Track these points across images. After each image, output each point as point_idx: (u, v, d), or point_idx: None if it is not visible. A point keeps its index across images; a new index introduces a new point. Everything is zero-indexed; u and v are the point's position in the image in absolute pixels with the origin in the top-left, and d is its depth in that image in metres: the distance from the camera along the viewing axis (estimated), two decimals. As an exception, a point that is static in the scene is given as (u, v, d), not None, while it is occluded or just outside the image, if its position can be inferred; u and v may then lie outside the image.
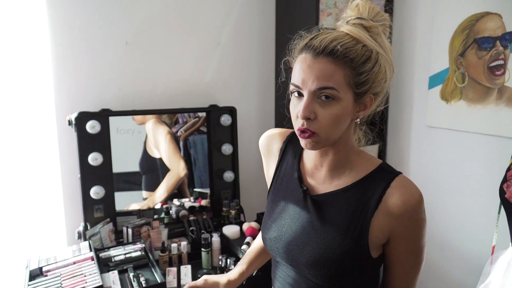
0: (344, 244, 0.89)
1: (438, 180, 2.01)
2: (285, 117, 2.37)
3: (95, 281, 1.35)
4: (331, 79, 0.83)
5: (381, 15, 0.89)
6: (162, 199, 2.07)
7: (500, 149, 1.74)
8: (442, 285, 2.02)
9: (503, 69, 1.71)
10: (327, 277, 0.91)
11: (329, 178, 0.95)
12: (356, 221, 0.89)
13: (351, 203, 0.90)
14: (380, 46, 0.88)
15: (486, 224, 1.77)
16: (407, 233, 0.89)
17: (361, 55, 0.84)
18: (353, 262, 0.89)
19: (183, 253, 1.80)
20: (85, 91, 1.85)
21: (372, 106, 0.90)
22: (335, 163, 0.94)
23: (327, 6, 1.99)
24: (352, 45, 0.84)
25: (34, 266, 1.49)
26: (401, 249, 0.91)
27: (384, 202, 0.87)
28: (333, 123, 0.85)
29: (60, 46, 1.78)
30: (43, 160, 1.83)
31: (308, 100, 0.84)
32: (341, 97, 0.84)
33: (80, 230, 1.80)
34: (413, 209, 0.87)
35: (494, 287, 1.37)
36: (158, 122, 2.01)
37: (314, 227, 0.93)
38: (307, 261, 0.92)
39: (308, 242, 0.93)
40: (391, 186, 0.87)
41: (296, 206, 0.97)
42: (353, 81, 0.84)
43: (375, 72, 0.86)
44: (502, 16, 1.69)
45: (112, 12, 1.86)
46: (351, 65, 0.83)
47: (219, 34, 2.12)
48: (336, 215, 0.91)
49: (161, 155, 2.04)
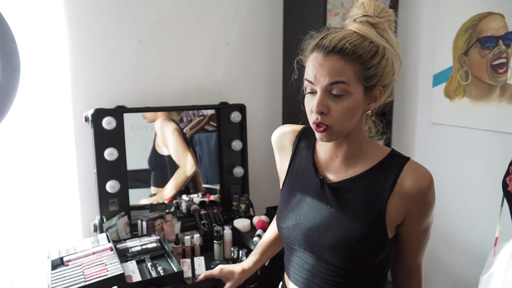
0: (362, 226, 0.96)
1: (442, 175, 2.06)
2: (292, 113, 2.44)
3: (116, 269, 1.40)
4: (341, 74, 0.89)
5: (386, 11, 0.95)
6: (171, 195, 2.13)
7: (502, 144, 1.80)
8: (446, 277, 2.08)
9: (506, 67, 1.77)
10: (347, 258, 0.97)
11: (344, 167, 1.02)
12: (373, 204, 0.96)
13: (367, 188, 0.97)
14: (387, 40, 0.94)
15: (489, 217, 1.83)
16: (420, 212, 0.96)
17: (369, 51, 0.90)
18: (371, 242, 0.96)
19: (196, 245, 1.86)
20: (101, 88, 1.91)
21: (382, 98, 0.96)
22: (349, 153, 1.01)
23: (334, 6, 2.05)
24: (359, 42, 0.90)
25: (55, 256, 1.54)
26: (415, 228, 0.99)
27: (399, 185, 0.94)
28: (345, 116, 0.91)
29: (77, 46, 1.85)
30: (60, 156, 1.89)
31: (321, 96, 0.90)
32: (352, 91, 0.90)
33: (96, 223, 1.86)
34: (427, 190, 0.94)
35: (497, 276, 1.42)
36: (167, 120, 2.07)
37: (333, 213, 0.99)
38: (328, 245, 0.98)
39: (328, 227, 0.99)
40: (404, 169, 0.95)
41: (314, 195, 1.04)
42: (362, 75, 0.90)
43: (382, 65, 0.92)
44: (504, 16, 1.75)
45: (126, 13, 1.92)
46: (359, 61, 0.89)
47: (229, 33, 2.18)
48: (354, 200, 0.98)
49: (170, 152, 2.10)
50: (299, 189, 1.08)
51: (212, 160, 2.21)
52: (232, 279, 1.31)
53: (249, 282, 1.56)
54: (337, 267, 1.00)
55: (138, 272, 1.49)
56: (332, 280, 1.01)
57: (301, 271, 1.07)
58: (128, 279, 1.43)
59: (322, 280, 1.02)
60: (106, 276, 1.36)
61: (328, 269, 1.01)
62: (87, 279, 1.36)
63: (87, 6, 1.83)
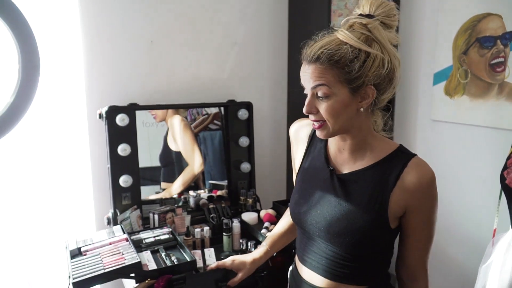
0: (365, 215, 1.03)
1: (442, 170, 2.13)
2: (297, 111, 2.51)
3: (133, 258, 1.47)
4: (321, 78, 0.98)
5: (383, 6, 1.01)
6: (179, 191, 2.20)
7: (500, 140, 1.86)
8: (448, 268, 2.16)
9: (504, 66, 1.84)
10: (350, 245, 1.04)
11: (351, 159, 1.09)
12: (377, 196, 1.03)
13: (372, 181, 1.04)
14: (378, 40, 0.99)
15: (487, 210, 1.89)
16: (420, 206, 1.03)
17: (348, 56, 0.97)
18: (374, 231, 1.04)
19: (205, 237, 1.93)
20: (114, 86, 1.99)
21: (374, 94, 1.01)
22: (354, 147, 1.08)
23: (339, 7, 2.12)
24: (337, 49, 0.97)
25: (73, 247, 1.61)
26: (415, 221, 1.05)
27: (402, 180, 1.01)
28: (332, 115, 1.00)
29: (92, 46, 1.92)
30: (74, 152, 1.96)
31: (309, 98, 1.01)
32: (334, 92, 0.98)
33: (110, 216, 1.93)
34: (426, 186, 1.01)
35: (495, 266, 1.47)
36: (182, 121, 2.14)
37: (340, 202, 1.07)
38: (334, 232, 1.06)
39: (335, 215, 1.06)
40: (408, 165, 1.02)
41: (324, 184, 1.11)
42: (343, 78, 0.98)
43: (367, 67, 0.98)
44: (502, 17, 1.81)
45: (138, 14, 1.99)
46: (337, 66, 0.97)
47: (236, 34, 2.25)
48: (359, 191, 1.05)
49: (180, 149, 2.17)
50: (312, 178, 1.16)
51: (216, 158, 2.28)
52: (243, 269, 1.39)
53: (259, 271, 1.63)
54: (345, 252, 1.08)
55: (153, 261, 1.57)
56: (340, 263, 1.09)
57: (315, 256, 1.14)
58: (144, 267, 1.50)
59: (332, 264, 1.10)
60: (124, 264, 1.43)
61: (336, 253, 1.09)
62: (106, 267, 1.43)
63: (102, 7, 1.91)
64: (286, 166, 2.48)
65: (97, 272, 1.39)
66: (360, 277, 1.11)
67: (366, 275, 1.12)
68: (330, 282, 1.11)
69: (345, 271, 1.10)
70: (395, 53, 1.02)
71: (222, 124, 2.25)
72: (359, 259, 1.09)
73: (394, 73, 1.03)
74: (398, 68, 1.04)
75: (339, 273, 1.10)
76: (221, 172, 2.29)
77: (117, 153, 1.91)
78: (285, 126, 2.46)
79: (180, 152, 2.17)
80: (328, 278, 1.11)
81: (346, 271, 1.10)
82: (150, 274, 1.47)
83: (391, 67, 1.01)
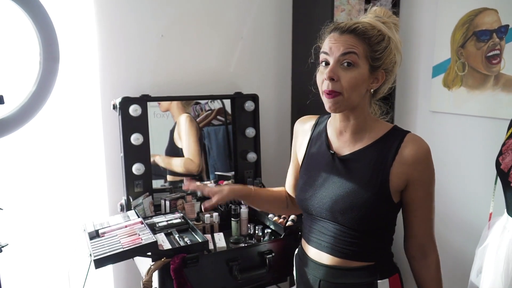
0: (369, 191, 1.11)
1: (441, 159, 2.20)
2: (300, 103, 2.62)
3: (149, 238, 1.56)
4: (354, 47, 1.07)
5: (393, 17, 1.16)
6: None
7: (496, 129, 1.93)
8: (446, 252, 2.23)
9: (499, 58, 1.92)
10: (357, 219, 1.12)
11: (352, 141, 1.18)
12: (378, 171, 1.11)
13: (373, 158, 1.13)
14: (392, 35, 1.13)
15: (484, 195, 1.96)
16: (420, 178, 1.11)
17: (377, 36, 1.09)
18: (378, 205, 1.12)
19: (215, 223, 2.02)
20: (127, 78, 2.07)
21: (383, 80, 1.14)
22: (356, 128, 1.17)
23: (341, 3, 2.20)
24: (370, 28, 1.09)
25: (90, 229, 1.70)
26: (418, 193, 1.13)
27: (400, 154, 1.10)
28: (352, 85, 1.08)
29: (106, 39, 2.01)
30: (89, 141, 2.05)
31: (333, 65, 1.09)
32: (360, 64, 1.08)
33: (123, 203, 2.02)
34: (423, 157, 1.11)
35: (491, 248, 1.55)
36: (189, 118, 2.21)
37: (343, 181, 1.15)
38: (340, 209, 1.14)
39: (340, 194, 1.15)
40: (404, 141, 1.11)
41: (327, 168, 1.20)
42: (369, 54, 1.08)
43: (387, 51, 1.11)
44: (498, 11, 1.89)
45: (149, 9, 2.08)
46: (368, 42, 1.08)
47: (242, 28, 2.34)
48: (361, 169, 1.14)
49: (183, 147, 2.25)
50: (315, 164, 1.24)
51: (220, 152, 2.35)
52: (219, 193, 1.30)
53: (266, 253, 1.72)
54: (350, 229, 1.15)
55: (167, 242, 1.66)
56: (347, 241, 1.16)
57: (322, 236, 1.21)
58: (160, 247, 1.59)
59: (338, 241, 1.17)
60: (141, 243, 1.52)
61: (342, 231, 1.16)
62: (124, 246, 1.52)
63: (116, 4, 2.00)
64: (290, 155, 2.56)
65: (116, 251, 1.48)
66: (365, 254, 1.17)
67: (372, 252, 1.18)
68: (338, 259, 1.18)
69: (351, 248, 1.16)
70: (401, 51, 1.16)
71: (225, 120, 2.33)
72: (364, 236, 1.15)
73: (395, 68, 1.16)
74: (397, 67, 1.16)
75: (346, 250, 1.17)
76: (225, 165, 2.37)
77: (130, 142, 1.99)
78: (289, 117, 2.55)
79: (183, 149, 2.25)
80: (336, 256, 1.18)
81: (353, 248, 1.16)
82: (166, 253, 1.56)
83: (398, 60, 1.15)
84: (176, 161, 2.25)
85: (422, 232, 1.18)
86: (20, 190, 1.93)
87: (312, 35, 1.24)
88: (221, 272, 1.65)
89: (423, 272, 1.21)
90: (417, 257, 1.21)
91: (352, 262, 1.17)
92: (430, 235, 1.19)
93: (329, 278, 1.19)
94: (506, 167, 1.48)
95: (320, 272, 1.21)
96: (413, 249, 1.21)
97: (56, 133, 1.97)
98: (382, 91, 1.19)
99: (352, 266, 1.17)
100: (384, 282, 1.17)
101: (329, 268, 1.19)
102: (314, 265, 1.23)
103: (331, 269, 1.19)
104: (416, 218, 1.16)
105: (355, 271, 1.17)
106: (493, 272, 1.51)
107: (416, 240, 1.19)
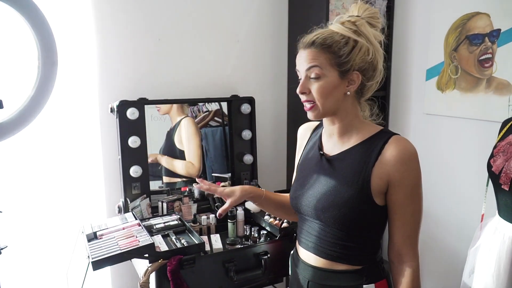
0: (350, 190, 1.13)
1: (435, 161, 2.25)
2: (296, 106, 2.64)
3: (146, 240, 1.58)
4: (314, 60, 1.11)
5: (369, 10, 1.16)
6: (182, 185, 2.29)
7: (488, 131, 1.95)
8: (439, 253, 2.27)
9: (491, 61, 1.95)
10: (337, 217, 1.13)
11: (340, 142, 1.21)
12: (360, 171, 1.13)
13: (356, 158, 1.15)
14: (363, 33, 1.12)
15: (476, 197, 1.98)
16: (402, 180, 1.10)
17: (338, 42, 1.11)
18: (359, 204, 1.13)
19: (211, 224, 2.05)
20: (124, 82, 2.09)
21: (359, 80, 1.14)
22: (341, 130, 1.20)
23: (336, 7, 2.23)
24: (329, 35, 1.11)
25: (88, 231, 1.72)
26: (398, 196, 1.12)
27: (382, 155, 1.11)
28: (322, 94, 1.12)
29: (104, 43, 2.03)
30: (87, 144, 2.07)
31: (303, 80, 1.14)
32: (325, 74, 1.11)
33: (121, 205, 2.04)
34: (406, 159, 1.10)
35: (483, 248, 1.58)
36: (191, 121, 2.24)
37: (327, 180, 1.18)
38: (322, 207, 1.16)
39: (324, 192, 1.17)
40: (388, 142, 1.12)
41: (316, 168, 1.23)
42: (334, 61, 1.11)
43: (354, 53, 1.11)
44: (490, 15, 1.93)
45: (146, 13, 2.10)
46: (330, 50, 1.11)
47: (239, 32, 2.36)
48: (345, 169, 1.16)
49: (184, 149, 2.27)
50: (307, 166, 1.28)
51: (218, 153, 2.37)
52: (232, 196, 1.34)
53: (262, 254, 1.74)
54: (333, 229, 1.16)
55: (164, 244, 1.68)
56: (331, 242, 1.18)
57: (309, 236, 1.24)
58: (157, 249, 1.61)
59: (323, 242, 1.19)
60: (139, 245, 1.54)
61: (326, 232, 1.18)
62: (121, 248, 1.54)
63: (113, 7, 2.02)
64: (286, 157, 2.60)
65: (114, 253, 1.50)
66: (351, 257, 1.18)
67: (357, 255, 1.18)
68: (324, 261, 1.19)
69: (335, 249, 1.17)
70: (378, 47, 1.17)
71: (222, 121, 2.35)
72: (348, 237, 1.16)
73: (378, 64, 1.17)
74: (381, 61, 1.17)
75: (331, 251, 1.18)
76: (223, 166, 2.39)
77: (128, 145, 2.01)
78: (285, 120, 2.58)
79: (184, 151, 2.27)
80: (322, 257, 1.20)
81: (336, 249, 1.17)
82: (163, 254, 1.58)
83: (375, 57, 1.15)
84: (178, 164, 2.27)
85: (399, 239, 1.14)
86: (19, 193, 1.95)
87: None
88: (218, 273, 1.67)
89: (398, 278, 1.17)
90: (395, 262, 1.18)
91: (338, 265, 1.18)
92: (410, 243, 1.14)
93: (316, 280, 1.21)
94: (497, 169, 1.51)
95: (308, 273, 1.23)
96: (391, 254, 1.19)
97: (54, 137, 1.99)
98: (369, 89, 1.20)
99: (338, 269, 1.18)
100: (370, 287, 1.17)
101: (316, 269, 1.21)
102: (304, 265, 1.25)
103: (318, 271, 1.21)
104: (396, 222, 1.14)
105: (341, 273, 1.18)
106: (485, 272, 1.54)
107: (394, 246, 1.17)
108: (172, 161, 2.26)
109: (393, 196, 1.12)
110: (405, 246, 1.14)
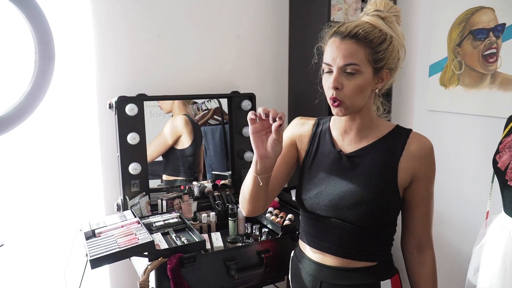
0: (378, 185, 1.12)
1: (438, 157, 2.20)
2: (297, 101, 2.61)
3: (146, 238, 1.55)
4: (354, 56, 1.07)
5: (394, 8, 1.15)
6: (182, 183, 2.27)
7: (493, 127, 1.94)
8: (444, 250, 2.24)
9: (496, 56, 1.92)
10: (365, 214, 1.12)
11: (358, 138, 1.18)
12: (386, 167, 1.13)
13: (380, 154, 1.15)
14: (394, 31, 1.12)
15: (481, 194, 1.96)
16: (425, 173, 1.14)
17: (378, 38, 1.08)
18: (386, 199, 1.13)
19: (212, 222, 2.02)
20: (123, 77, 2.06)
21: (388, 79, 1.14)
22: (362, 126, 1.18)
23: (338, 1, 2.20)
24: (370, 30, 1.08)
25: (87, 229, 1.69)
26: (421, 189, 1.15)
27: (407, 149, 1.13)
28: (356, 92, 1.08)
29: (102, 39, 2.00)
30: (85, 141, 2.04)
31: (337, 74, 1.08)
32: (363, 71, 1.07)
33: (119, 203, 2.01)
34: (429, 153, 1.14)
35: (488, 246, 1.55)
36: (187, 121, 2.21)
37: (351, 177, 1.15)
38: (348, 204, 1.13)
39: (348, 189, 1.14)
40: (410, 137, 1.14)
41: (333, 166, 1.19)
42: (372, 58, 1.08)
43: (389, 51, 1.10)
44: (494, 9, 1.90)
45: (146, 8, 2.07)
46: (370, 45, 1.08)
47: (239, 28, 2.33)
48: (369, 165, 1.14)
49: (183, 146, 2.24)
50: (319, 164, 1.23)
51: (217, 151, 2.35)
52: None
53: (264, 252, 1.71)
54: (356, 226, 1.14)
55: (164, 242, 1.65)
56: (352, 240, 1.16)
57: (325, 237, 1.20)
58: (157, 247, 1.58)
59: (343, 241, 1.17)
60: (138, 243, 1.52)
61: (348, 230, 1.15)
62: (120, 246, 1.51)
63: (112, 3, 1.98)
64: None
65: (112, 250, 1.48)
66: (368, 254, 1.18)
67: (374, 252, 1.18)
68: (341, 260, 1.17)
69: (355, 247, 1.16)
70: (404, 44, 1.15)
71: (222, 119, 2.33)
72: (369, 234, 1.15)
73: (400, 63, 1.16)
74: (402, 59, 1.16)
75: (350, 250, 1.16)
76: (222, 165, 2.37)
77: (127, 142, 1.98)
78: (286, 116, 2.55)
79: (184, 150, 2.25)
80: (339, 256, 1.17)
81: (356, 247, 1.16)
82: (162, 253, 1.55)
83: (402, 55, 1.15)
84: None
85: (421, 229, 1.20)
86: (15, 190, 1.91)
87: (309, 34, 1.24)
88: (219, 271, 1.64)
89: (419, 268, 1.22)
90: (414, 253, 1.23)
91: (355, 263, 1.18)
92: (429, 233, 1.22)
93: (331, 280, 1.18)
94: (503, 165, 1.49)
95: (321, 274, 1.20)
96: (411, 246, 1.23)
97: (52, 133, 1.96)
98: (385, 87, 1.20)
99: (355, 267, 1.18)
100: (386, 282, 1.18)
101: (331, 269, 1.19)
102: (315, 266, 1.22)
103: (334, 270, 1.19)
104: (418, 214, 1.19)
105: (358, 271, 1.17)
106: (491, 270, 1.52)
107: (415, 237, 1.21)
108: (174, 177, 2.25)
109: (416, 190, 1.16)
110: (427, 236, 1.21)
